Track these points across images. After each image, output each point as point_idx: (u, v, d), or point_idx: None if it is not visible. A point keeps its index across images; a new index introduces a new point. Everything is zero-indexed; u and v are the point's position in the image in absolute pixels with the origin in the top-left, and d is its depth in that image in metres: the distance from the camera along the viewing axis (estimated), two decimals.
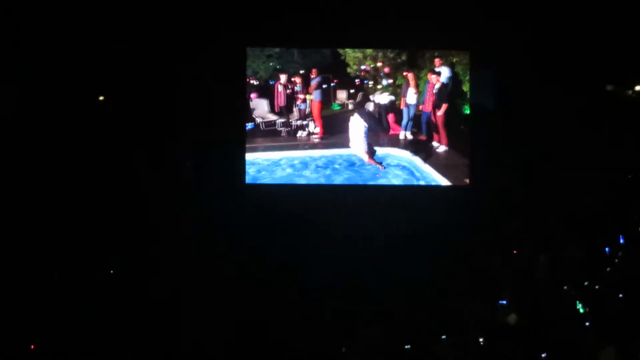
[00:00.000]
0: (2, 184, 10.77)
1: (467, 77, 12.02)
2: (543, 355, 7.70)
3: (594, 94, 11.46)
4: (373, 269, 10.24)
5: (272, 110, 12.63)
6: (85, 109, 11.41)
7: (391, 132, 12.43)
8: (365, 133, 12.11)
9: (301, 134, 12.58)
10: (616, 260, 9.18)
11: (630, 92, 11.82)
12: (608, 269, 8.97)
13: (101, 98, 11.60)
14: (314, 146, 12.51)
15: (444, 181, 11.92)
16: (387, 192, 11.87)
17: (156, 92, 11.50)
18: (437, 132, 12.19)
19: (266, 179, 12.15)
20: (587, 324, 8.02)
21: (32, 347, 8.05)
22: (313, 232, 10.98)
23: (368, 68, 12.46)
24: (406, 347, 8.27)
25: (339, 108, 12.71)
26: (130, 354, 8.22)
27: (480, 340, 8.09)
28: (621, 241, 9.58)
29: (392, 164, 12.24)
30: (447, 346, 8.22)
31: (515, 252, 10.30)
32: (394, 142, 12.44)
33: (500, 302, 8.69)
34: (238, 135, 12.04)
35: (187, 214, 11.28)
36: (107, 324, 8.65)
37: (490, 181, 11.39)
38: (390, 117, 12.40)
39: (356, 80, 12.50)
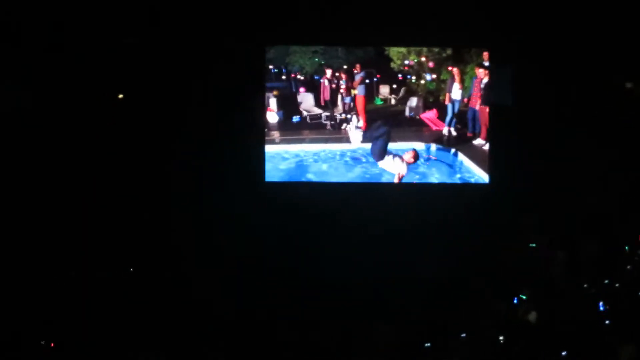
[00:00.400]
0: (14, 181, 10.84)
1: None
2: (563, 353, 7.69)
3: (614, 92, 11.20)
4: (391, 265, 10.28)
5: (318, 104, 12.84)
6: (103, 107, 11.44)
7: (435, 127, 12.46)
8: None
9: (345, 126, 12.63)
10: (636, 258, 9.05)
11: None
12: (628, 267, 8.86)
13: (120, 96, 11.68)
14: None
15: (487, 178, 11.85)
16: (407, 189, 11.83)
17: (176, 91, 11.47)
18: (482, 128, 12.07)
19: (308, 171, 12.32)
20: (607, 322, 7.98)
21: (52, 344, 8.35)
22: (331, 229, 11.00)
23: (412, 63, 12.45)
24: (426, 345, 8.36)
25: (381, 103, 12.85)
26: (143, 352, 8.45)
27: (500, 338, 8.11)
28: None
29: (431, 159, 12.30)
30: (466, 344, 8.28)
31: (534, 250, 10.21)
32: (437, 138, 12.44)
33: (520, 300, 8.70)
34: (257, 133, 12.00)
35: (206, 212, 11.33)
36: (122, 321, 8.91)
37: (509, 179, 11.26)
38: (433, 113, 12.41)
39: (399, 75, 12.54)
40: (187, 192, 11.45)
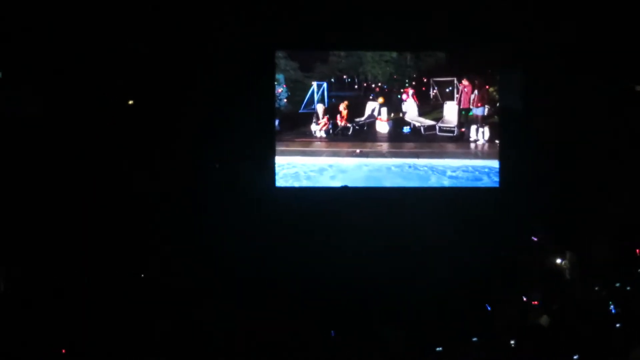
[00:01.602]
0: (27, 184, 11.02)
1: None
2: (575, 357, 7.67)
3: (623, 95, 11.17)
4: (402, 270, 10.30)
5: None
6: (111, 112, 11.58)
7: None
8: None
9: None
10: None
11: None
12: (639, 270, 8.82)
13: (131, 102, 11.82)
14: None
15: None
16: (419, 193, 11.87)
17: (186, 96, 11.64)
18: None
19: None
20: (617, 325, 7.94)
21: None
22: (341, 234, 11.03)
23: None
24: (437, 349, 8.35)
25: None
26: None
27: (512, 342, 8.09)
28: None
29: None
30: (477, 348, 8.27)
31: (546, 252, 10.18)
32: None
33: (531, 303, 8.69)
34: (267, 138, 12.18)
35: (217, 217, 11.44)
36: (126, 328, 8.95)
37: (521, 182, 11.27)
38: None
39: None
40: (196, 197, 11.58)
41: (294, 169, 12.44)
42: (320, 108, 12.57)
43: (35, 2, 10.98)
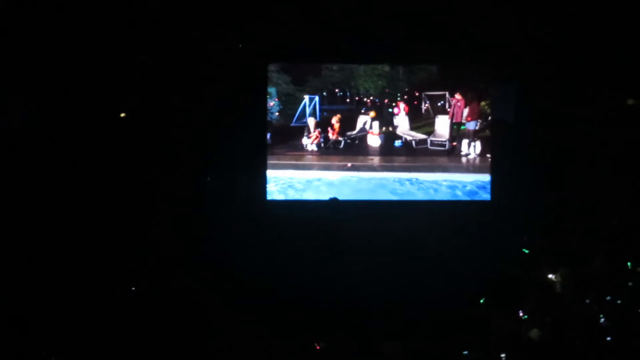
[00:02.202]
0: (25, 196, 10.99)
1: None
2: None
3: (615, 108, 11.25)
4: (394, 283, 10.31)
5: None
6: (104, 123, 11.57)
7: None
8: None
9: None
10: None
11: None
12: (630, 284, 8.84)
13: (122, 115, 11.80)
14: None
15: None
16: (409, 207, 11.90)
17: (179, 108, 11.63)
18: None
19: None
20: (608, 338, 7.96)
21: None
22: (333, 247, 10.96)
23: None
24: None
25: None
26: None
27: (502, 355, 8.10)
28: None
29: None
30: None
31: (537, 266, 10.21)
32: None
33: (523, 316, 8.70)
34: (260, 151, 12.21)
35: (208, 229, 11.42)
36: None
37: (512, 195, 11.32)
38: None
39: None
40: (187, 209, 11.55)
41: (284, 182, 12.43)
42: (311, 121, 12.59)
43: (32, 9, 10.94)
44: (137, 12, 11.16)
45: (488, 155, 12.28)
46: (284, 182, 12.43)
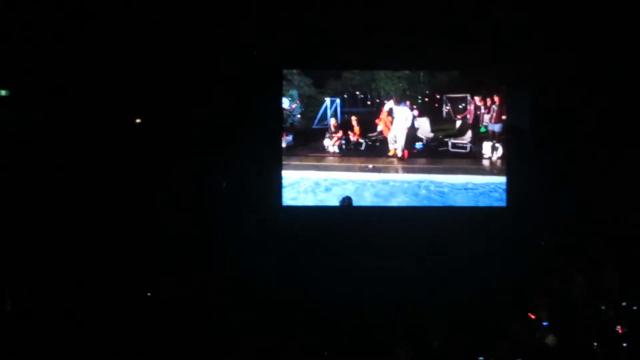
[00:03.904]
0: (27, 199, 11.12)
1: None
2: None
3: (631, 114, 11.14)
4: (408, 290, 10.31)
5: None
6: (114, 127, 11.62)
7: None
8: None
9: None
10: None
11: None
12: None
13: (138, 120, 11.88)
14: None
15: None
16: (425, 212, 11.88)
17: (193, 113, 11.69)
18: None
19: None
20: (624, 344, 7.93)
21: None
22: (347, 253, 11.01)
23: None
24: None
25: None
26: None
27: None
28: None
29: None
30: None
31: (553, 272, 10.17)
32: None
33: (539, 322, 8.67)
34: (274, 156, 12.25)
35: (223, 235, 11.52)
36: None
37: (527, 202, 11.27)
38: None
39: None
40: (203, 214, 11.65)
41: (306, 183, 12.50)
42: (332, 123, 12.63)
43: (37, 14, 11.08)
44: (155, 14, 11.23)
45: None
46: (306, 184, 12.49)
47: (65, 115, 11.38)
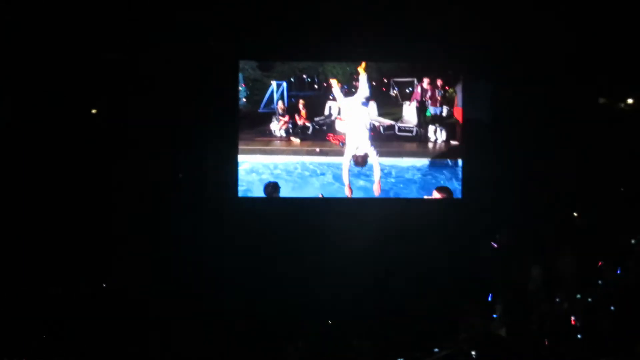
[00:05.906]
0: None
1: None
2: None
3: (586, 107, 11.29)
4: (365, 282, 10.33)
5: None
6: (78, 119, 11.38)
7: None
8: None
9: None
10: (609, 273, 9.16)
11: (622, 105, 11.63)
12: (600, 282, 8.95)
13: (94, 111, 11.58)
14: None
15: None
16: (382, 204, 11.84)
17: (149, 103, 11.37)
18: None
19: None
20: (578, 336, 8.06)
21: None
22: (305, 245, 11.06)
23: None
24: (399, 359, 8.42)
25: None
26: None
27: (473, 353, 8.17)
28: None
29: None
30: (440, 358, 8.34)
31: (508, 264, 10.30)
32: None
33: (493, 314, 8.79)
34: (231, 146, 11.96)
35: (179, 227, 11.33)
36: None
37: (483, 193, 11.34)
38: None
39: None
40: (158, 205, 11.43)
41: (251, 167, 12.32)
42: (280, 107, 12.47)
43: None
44: (112, 11, 10.93)
45: (452, 142, 12.27)
46: (251, 167, 12.33)
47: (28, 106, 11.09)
